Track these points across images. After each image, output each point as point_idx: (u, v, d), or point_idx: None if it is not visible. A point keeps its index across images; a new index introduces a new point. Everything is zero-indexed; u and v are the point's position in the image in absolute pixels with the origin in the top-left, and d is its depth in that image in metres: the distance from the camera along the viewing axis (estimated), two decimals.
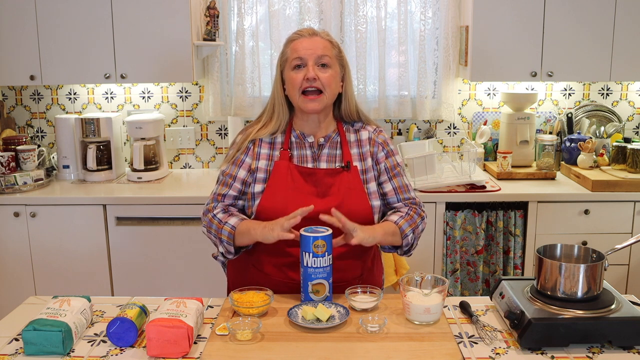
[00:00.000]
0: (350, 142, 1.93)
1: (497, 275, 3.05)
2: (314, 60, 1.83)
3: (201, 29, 3.31)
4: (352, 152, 1.92)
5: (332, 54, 1.86)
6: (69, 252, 3.06)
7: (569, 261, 1.69)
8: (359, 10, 3.34)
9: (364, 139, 1.94)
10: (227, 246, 1.84)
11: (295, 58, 1.84)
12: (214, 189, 1.94)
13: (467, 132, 3.53)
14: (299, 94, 1.84)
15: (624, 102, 3.55)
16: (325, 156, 1.90)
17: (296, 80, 1.83)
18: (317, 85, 1.82)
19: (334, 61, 1.87)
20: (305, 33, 1.87)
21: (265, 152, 1.90)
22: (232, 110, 3.46)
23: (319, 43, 1.85)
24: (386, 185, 1.93)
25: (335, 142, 1.92)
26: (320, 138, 1.91)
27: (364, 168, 1.91)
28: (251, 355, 1.49)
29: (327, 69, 1.84)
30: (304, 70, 1.82)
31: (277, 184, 1.85)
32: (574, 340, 1.51)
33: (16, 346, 1.57)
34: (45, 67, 3.18)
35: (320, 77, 1.82)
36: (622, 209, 2.99)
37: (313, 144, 1.91)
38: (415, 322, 1.64)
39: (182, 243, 3.04)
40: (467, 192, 3.00)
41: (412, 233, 1.87)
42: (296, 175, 1.86)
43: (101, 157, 3.33)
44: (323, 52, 1.84)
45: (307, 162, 1.89)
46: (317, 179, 1.86)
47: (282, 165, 1.86)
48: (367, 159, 1.92)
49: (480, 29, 3.14)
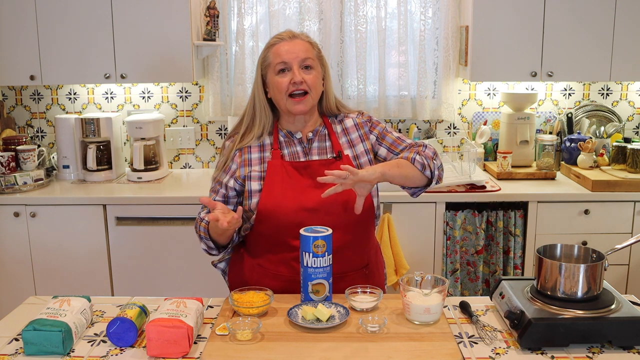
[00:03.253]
0: (337, 133, 1.96)
1: (497, 275, 3.05)
2: (298, 64, 1.85)
3: (201, 29, 3.31)
4: (341, 141, 1.95)
5: (314, 55, 1.89)
6: (69, 252, 3.06)
7: (569, 261, 1.69)
8: (359, 10, 3.34)
9: (349, 126, 1.97)
10: (206, 242, 1.87)
11: (279, 62, 1.86)
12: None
13: (467, 132, 3.53)
14: (286, 97, 1.86)
15: (624, 102, 3.55)
16: (316, 149, 1.93)
17: (282, 85, 1.85)
18: (303, 88, 1.85)
19: (316, 62, 1.90)
20: (285, 36, 1.89)
21: (256, 157, 1.92)
22: (232, 110, 3.46)
23: (300, 46, 1.87)
24: (381, 150, 1.96)
25: (324, 134, 1.95)
26: (309, 133, 1.94)
27: (355, 154, 1.94)
28: (251, 355, 1.49)
29: (311, 71, 1.87)
30: (290, 74, 1.85)
31: (274, 182, 1.86)
32: (574, 340, 1.51)
33: (16, 346, 1.57)
34: (45, 67, 3.18)
35: (306, 79, 1.85)
36: (622, 209, 2.99)
37: (302, 140, 1.93)
38: (415, 322, 1.64)
39: (182, 243, 3.04)
40: (467, 192, 3.00)
41: (418, 155, 1.86)
42: (291, 170, 1.88)
43: (101, 157, 3.33)
44: (306, 55, 1.86)
45: (299, 158, 1.92)
46: (312, 170, 1.88)
47: (276, 164, 1.88)
48: (357, 145, 1.95)
49: (480, 29, 3.15)
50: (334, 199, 1.77)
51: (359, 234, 1.89)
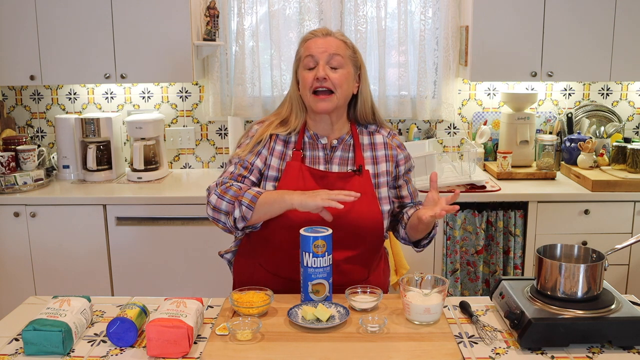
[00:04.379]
0: (363, 145, 1.91)
1: (497, 275, 3.05)
2: (325, 60, 1.81)
3: (201, 29, 3.31)
4: (365, 155, 1.90)
5: (346, 54, 1.84)
6: (69, 252, 3.06)
7: (569, 261, 1.69)
8: (359, 10, 3.34)
9: (378, 142, 1.93)
10: (245, 210, 1.71)
11: (307, 56, 1.83)
12: (227, 169, 1.86)
13: (467, 132, 3.53)
14: (310, 94, 1.82)
15: (624, 102, 3.55)
16: (338, 159, 1.89)
17: (307, 80, 1.82)
18: (327, 85, 1.81)
19: (347, 61, 1.84)
20: (319, 33, 1.86)
21: (279, 150, 1.88)
22: (232, 110, 3.46)
23: (332, 42, 1.83)
24: (404, 189, 1.95)
25: (349, 144, 1.91)
26: (334, 140, 1.90)
27: (376, 172, 1.89)
28: (251, 355, 1.49)
29: (338, 69, 1.82)
30: (315, 70, 1.81)
31: (288, 184, 1.82)
32: (574, 340, 1.51)
33: (16, 346, 1.57)
34: (45, 67, 3.18)
35: (331, 77, 1.80)
36: (622, 209, 2.99)
37: (326, 146, 1.89)
38: (415, 322, 1.64)
39: (182, 243, 3.04)
40: (467, 192, 3.00)
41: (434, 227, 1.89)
42: (308, 177, 1.84)
43: (101, 157, 3.33)
44: (335, 52, 1.82)
45: (319, 164, 1.88)
46: (328, 182, 1.84)
47: (294, 166, 1.85)
48: (380, 163, 1.90)
49: (480, 29, 3.14)
50: (344, 213, 1.74)
51: (364, 251, 1.86)
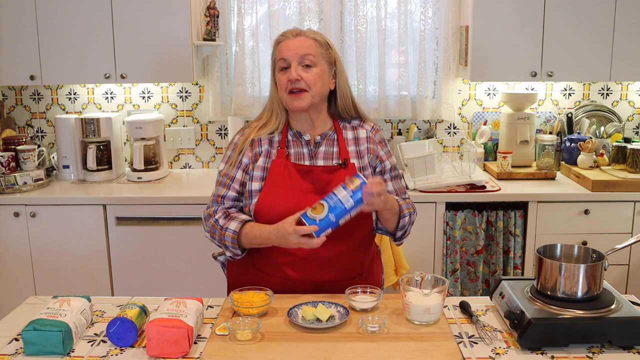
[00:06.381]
0: (347, 140, 1.93)
1: (497, 275, 3.05)
2: (297, 61, 1.83)
3: (201, 29, 3.31)
4: (349, 149, 1.92)
5: (317, 52, 1.86)
6: (69, 252, 3.06)
7: (569, 261, 1.70)
8: (359, 10, 3.34)
9: (361, 137, 1.95)
10: (233, 250, 1.85)
11: (280, 60, 1.85)
12: (213, 191, 1.93)
13: (467, 132, 3.53)
14: (286, 94, 1.85)
15: (624, 102, 3.55)
16: (322, 154, 1.91)
17: (282, 82, 1.85)
18: (300, 86, 1.83)
19: (320, 59, 1.86)
20: (290, 34, 1.88)
21: (265, 149, 1.90)
22: (232, 110, 3.46)
23: (303, 43, 1.85)
24: (388, 185, 1.95)
25: (332, 139, 1.93)
26: (317, 136, 1.92)
27: (361, 165, 1.92)
28: (251, 355, 1.49)
29: (311, 68, 1.84)
30: (289, 72, 1.83)
31: (275, 182, 1.85)
32: (574, 340, 1.51)
33: (16, 346, 1.57)
34: (45, 67, 3.18)
35: (304, 76, 1.83)
36: (622, 209, 2.99)
37: (310, 142, 1.91)
38: (415, 322, 1.64)
39: (182, 243, 3.04)
40: (467, 192, 3.00)
41: (409, 217, 1.89)
42: (293, 173, 1.86)
43: (101, 157, 3.33)
44: (306, 52, 1.83)
45: (304, 160, 1.90)
46: (314, 176, 1.86)
47: (280, 163, 1.87)
48: (364, 156, 1.93)
49: (480, 29, 3.14)
50: None
51: (353, 245, 1.88)
